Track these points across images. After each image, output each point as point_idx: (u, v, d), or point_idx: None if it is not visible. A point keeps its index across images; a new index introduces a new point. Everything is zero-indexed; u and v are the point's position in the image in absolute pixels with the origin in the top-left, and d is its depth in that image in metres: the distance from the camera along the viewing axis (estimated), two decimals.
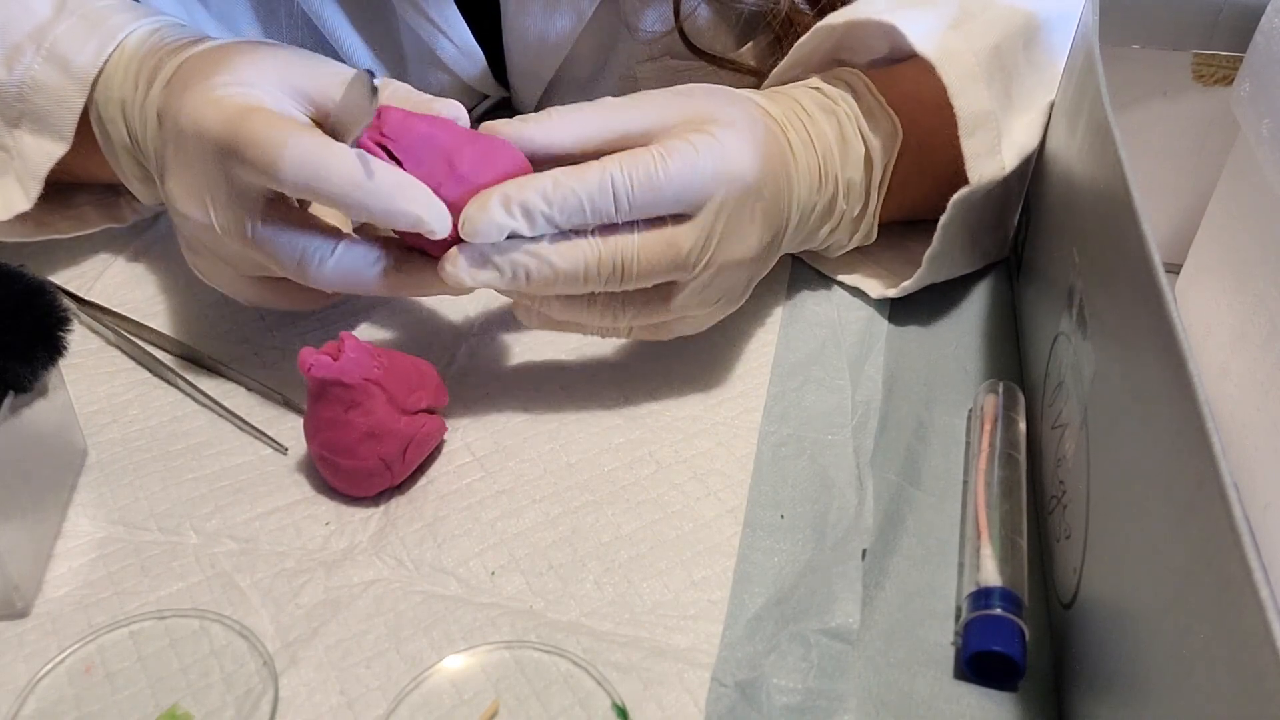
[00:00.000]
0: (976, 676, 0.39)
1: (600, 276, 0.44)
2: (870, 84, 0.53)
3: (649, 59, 0.65)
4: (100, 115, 0.51)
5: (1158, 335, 0.31)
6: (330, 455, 0.44)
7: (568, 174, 0.42)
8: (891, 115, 0.53)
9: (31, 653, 0.39)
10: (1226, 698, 0.25)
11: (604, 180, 0.42)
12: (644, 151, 0.43)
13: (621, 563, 0.43)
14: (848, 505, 0.45)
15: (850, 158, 0.53)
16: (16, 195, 0.52)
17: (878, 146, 0.53)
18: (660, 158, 0.43)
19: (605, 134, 0.45)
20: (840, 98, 0.53)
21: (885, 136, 0.53)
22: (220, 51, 0.47)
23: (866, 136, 0.53)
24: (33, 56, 0.50)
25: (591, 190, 0.42)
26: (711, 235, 0.45)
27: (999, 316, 0.57)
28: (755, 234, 0.47)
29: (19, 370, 0.40)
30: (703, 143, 0.44)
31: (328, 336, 0.45)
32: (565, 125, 0.45)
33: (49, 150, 0.51)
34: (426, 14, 0.64)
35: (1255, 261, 0.45)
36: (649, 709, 0.37)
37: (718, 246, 0.45)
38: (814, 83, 0.54)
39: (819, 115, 0.52)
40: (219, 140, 0.42)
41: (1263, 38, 0.45)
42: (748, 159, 0.45)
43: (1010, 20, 0.54)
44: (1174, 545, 0.29)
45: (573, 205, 0.42)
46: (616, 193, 0.42)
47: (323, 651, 0.39)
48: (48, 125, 0.51)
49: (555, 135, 0.45)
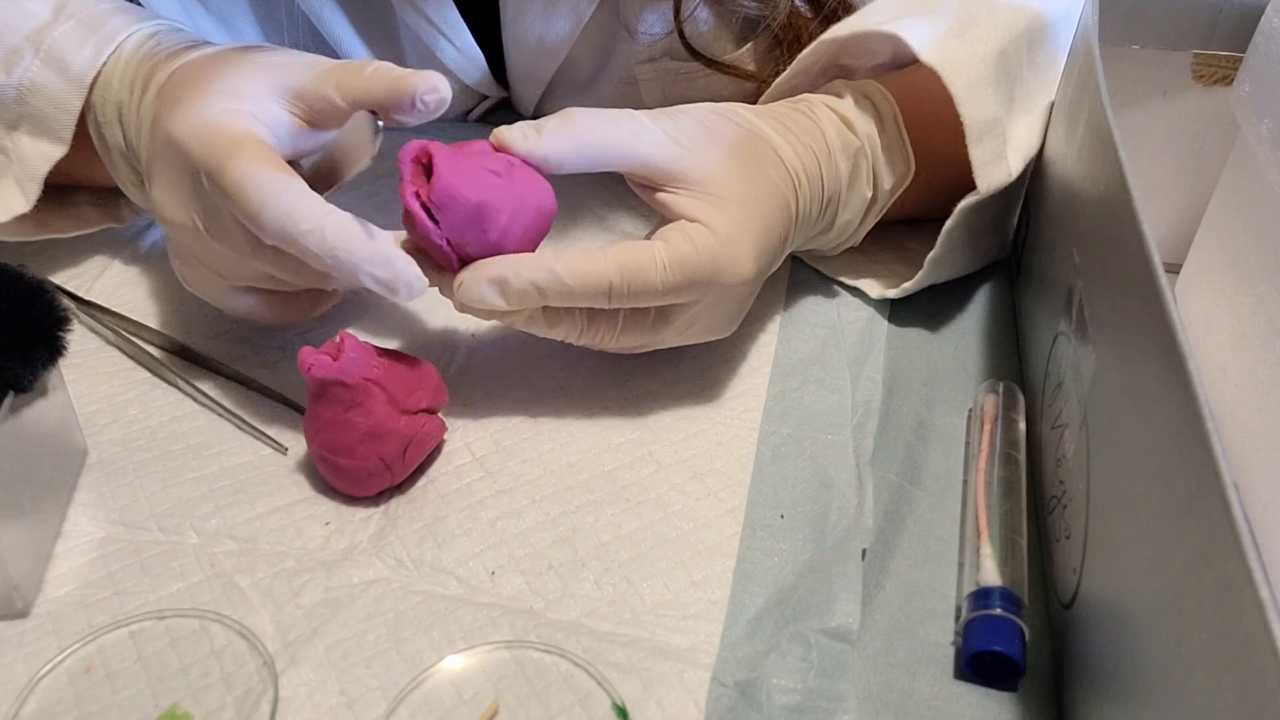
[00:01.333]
0: (976, 676, 0.39)
1: (577, 341, 0.46)
2: (898, 114, 0.53)
3: (648, 60, 0.65)
4: (97, 119, 0.51)
5: (1158, 335, 0.31)
6: (330, 455, 0.44)
7: (568, 270, 0.43)
8: (909, 155, 0.53)
9: (31, 653, 0.39)
10: (1226, 698, 0.25)
11: (601, 283, 0.43)
12: (645, 254, 0.44)
13: (621, 563, 0.43)
14: (848, 505, 0.45)
15: (854, 201, 0.53)
16: (15, 197, 0.52)
17: (886, 190, 0.53)
18: (661, 266, 0.44)
19: (617, 164, 0.46)
20: (866, 137, 0.52)
21: (898, 178, 0.53)
22: (211, 61, 0.47)
23: (879, 181, 0.53)
24: (31, 59, 0.50)
25: (588, 290, 0.44)
26: (695, 319, 0.47)
27: (999, 316, 0.57)
28: (740, 306, 0.49)
29: (19, 370, 0.40)
30: (705, 246, 0.44)
31: (328, 336, 0.46)
32: (577, 146, 0.45)
33: (47, 153, 0.51)
34: (426, 15, 0.64)
35: (1255, 261, 0.45)
36: (649, 709, 0.37)
37: (698, 320, 0.47)
38: (845, 107, 0.52)
39: (839, 155, 0.51)
40: (203, 169, 0.43)
41: (1262, 38, 0.45)
42: (748, 264, 0.46)
43: (1014, 24, 0.54)
44: (1174, 545, 0.29)
45: (565, 298, 0.44)
46: (612, 294, 0.44)
47: (323, 651, 0.39)
48: (46, 128, 0.51)
49: (566, 158, 0.45)
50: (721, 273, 0.45)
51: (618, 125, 0.46)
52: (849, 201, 0.52)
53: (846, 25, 0.54)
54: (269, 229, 0.42)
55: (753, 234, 0.46)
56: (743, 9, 0.61)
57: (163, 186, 0.46)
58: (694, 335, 0.49)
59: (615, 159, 0.46)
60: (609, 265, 0.43)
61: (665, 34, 0.62)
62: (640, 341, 0.47)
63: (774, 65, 0.61)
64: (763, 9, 0.60)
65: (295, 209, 0.41)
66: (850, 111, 0.52)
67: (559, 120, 0.46)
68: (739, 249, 0.45)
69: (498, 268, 0.43)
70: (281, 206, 0.41)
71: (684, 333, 0.48)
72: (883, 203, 0.54)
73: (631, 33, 0.63)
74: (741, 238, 0.45)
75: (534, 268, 0.43)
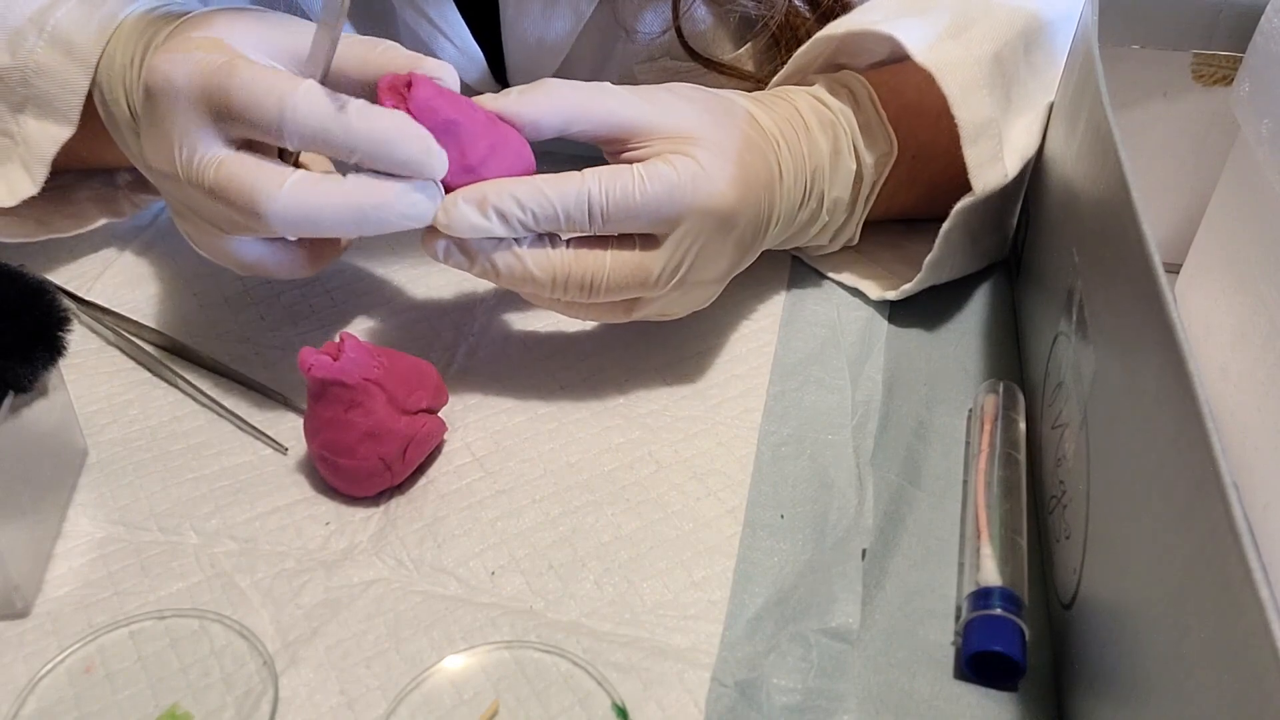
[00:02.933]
0: (976, 676, 0.39)
1: (568, 289, 0.45)
2: (874, 95, 0.53)
3: (648, 60, 0.65)
4: (104, 96, 0.50)
5: (1158, 335, 0.31)
6: (330, 455, 0.44)
7: (548, 182, 0.43)
8: (889, 133, 0.53)
9: (31, 653, 0.39)
10: (1226, 698, 0.25)
11: (581, 194, 0.43)
12: (625, 170, 0.44)
13: (621, 563, 0.43)
14: (848, 505, 0.45)
15: (840, 176, 0.53)
16: (22, 181, 0.52)
17: (870, 164, 0.53)
18: (640, 179, 0.44)
19: (593, 125, 0.46)
20: (840, 111, 0.53)
21: (880, 155, 0.53)
22: (201, 16, 0.46)
23: (861, 154, 0.53)
24: (35, 40, 0.50)
25: (568, 203, 0.43)
26: (683, 260, 0.46)
27: (999, 317, 0.57)
28: (726, 259, 0.48)
29: (19, 370, 0.40)
30: (684, 168, 0.44)
31: (328, 336, 0.46)
32: (554, 106, 0.45)
33: (54, 134, 0.51)
34: (426, 15, 0.64)
35: (1255, 261, 0.45)
36: (649, 709, 0.37)
37: (687, 270, 0.46)
38: (818, 90, 0.54)
39: (816, 130, 0.52)
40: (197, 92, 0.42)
41: (1262, 38, 0.45)
42: (727, 189, 0.45)
43: (1010, 25, 0.54)
44: (1174, 545, 0.29)
45: (548, 214, 0.43)
46: (592, 208, 0.43)
47: (323, 651, 0.39)
48: (53, 109, 0.51)
49: (543, 116, 0.45)
50: (700, 193, 0.44)
51: (592, 90, 0.46)
52: (835, 175, 0.52)
53: (843, 23, 0.54)
54: (297, 128, 0.41)
55: (732, 165, 0.46)
56: (740, 8, 0.61)
57: (147, 134, 0.45)
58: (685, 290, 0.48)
59: (592, 120, 0.46)
60: (588, 177, 0.44)
61: (663, 33, 0.62)
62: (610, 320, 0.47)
63: (772, 65, 0.62)
64: (760, 8, 0.60)
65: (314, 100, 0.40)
66: (823, 94, 0.53)
67: (536, 85, 0.46)
68: (717, 174, 0.45)
69: (477, 189, 0.43)
70: (300, 102, 0.40)
71: (673, 279, 0.46)
72: (871, 182, 0.54)
73: (629, 32, 0.63)
74: (719, 166, 0.45)
75: (514, 183, 0.43)
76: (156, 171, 0.45)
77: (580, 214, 0.44)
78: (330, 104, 0.41)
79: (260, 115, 0.41)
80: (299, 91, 0.40)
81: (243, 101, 0.41)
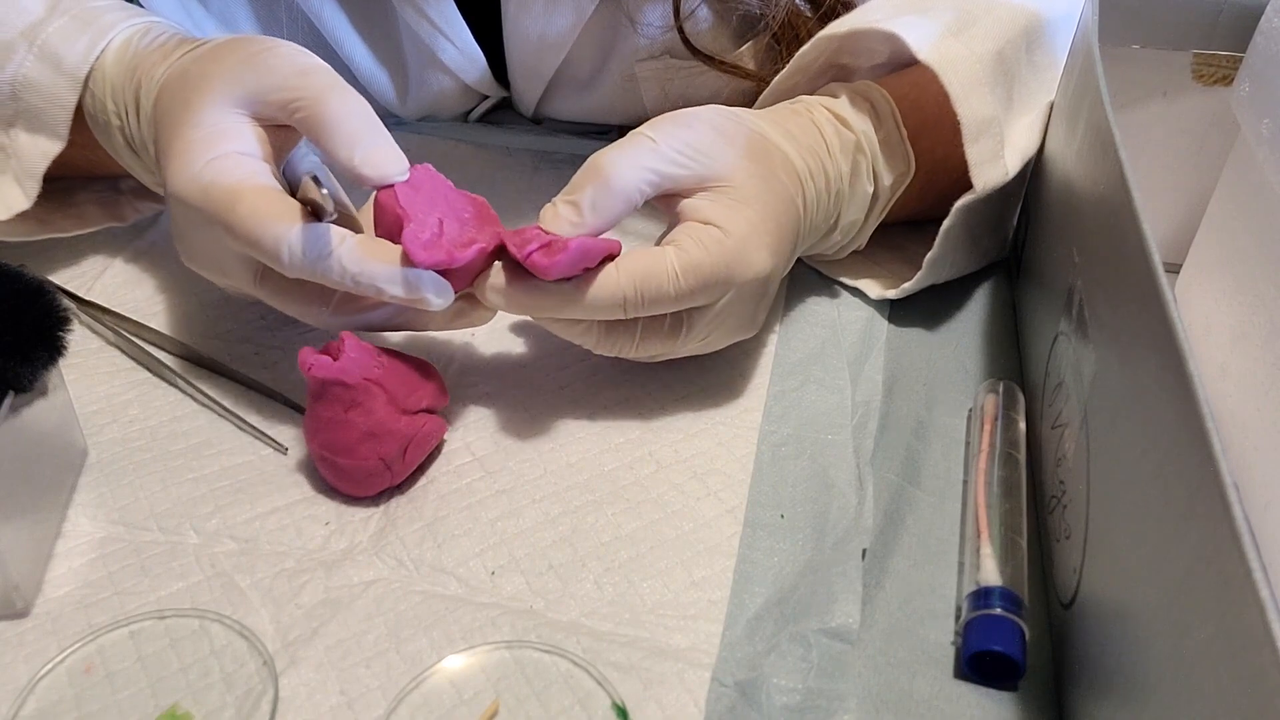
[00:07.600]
0: (976, 676, 0.39)
1: (597, 348, 0.47)
2: (896, 111, 0.53)
3: (649, 58, 0.65)
4: (95, 112, 0.51)
5: (1158, 335, 0.31)
6: (330, 455, 0.44)
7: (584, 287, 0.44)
8: (908, 152, 0.53)
9: (31, 653, 0.39)
10: (1226, 698, 0.25)
11: (615, 296, 0.44)
12: (658, 265, 0.44)
13: (621, 563, 0.43)
14: (848, 505, 0.45)
15: (856, 200, 0.53)
16: (15, 195, 0.52)
17: (887, 186, 0.53)
18: (674, 276, 0.44)
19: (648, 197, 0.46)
20: (863, 133, 0.52)
21: (897, 175, 0.53)
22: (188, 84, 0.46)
23: (879, 177, 0.53)
24: (25, 55, 0.50)
25: (604, 305, 0.44)
26: (716, 323, 0.47)
27: (999, 316, 0.57)
28: (758, 304, 0.48)
29: (19, 370, 0.40)
30: (718, 251, 0.44)
31: (328, 336, 0.46)
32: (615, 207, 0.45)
33: (45, 148, 0.51)
34: (427, 15, 0.64)
35: (1255, 261, 0.45)
36: (649, 709, 0.37)
37: (720, 324, 0.47)
38: (841, 106, 0.53)
39: (838, 153, 0.51)
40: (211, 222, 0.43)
41: (1263, 38, 0.45)
42: (765, 259, 0.46)
43: (1012, 23, 0.54)
44: (1174, 545, 0.29)
45: (582, 313, 0.44)
46: (627, 306, 0.44)
47: (323, 651, 0.39)
48: (42, 123, 0.51)
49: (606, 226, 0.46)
50: (735, 273, 0.45)
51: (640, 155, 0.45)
52: (852, 199, 0.52)
53: (845, 23, 0.54)
54: (290, 269, 0.42)
55: (767, 232, 0.46)
56: (742, 6, 0.61)
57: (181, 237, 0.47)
58: (718, 340, 0.48)
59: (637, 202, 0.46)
60: (622, 279, 0.44)
61: (664, 31, 0.62)
62: (661, 349, 0.47)
63: (773, 64, 0.61)
64: (762, 7, 0.60)
65: (309, 243, 0.42)
66: (845, 110, 0.52)
67: (593, 189, 0.45)
68: (753, 247, 0.45)
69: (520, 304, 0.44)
70: (296, 245, 0.42)
71: (707, 338, 0.48)
72: (885, 200, 0.54)
73: (634, 23, 0.63)
74: (755, 236, 0.45)
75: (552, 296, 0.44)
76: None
77: (615, 312, 0.44)
78: (323, 247, 0.42)
79: (261, 251, 0.42)
80: (294, 233, 0.42)
81: (244, 237, 0.42)
